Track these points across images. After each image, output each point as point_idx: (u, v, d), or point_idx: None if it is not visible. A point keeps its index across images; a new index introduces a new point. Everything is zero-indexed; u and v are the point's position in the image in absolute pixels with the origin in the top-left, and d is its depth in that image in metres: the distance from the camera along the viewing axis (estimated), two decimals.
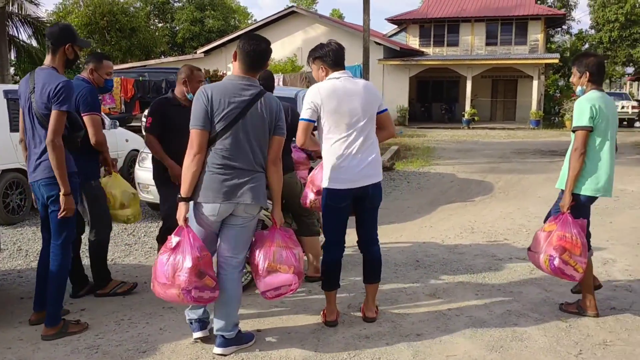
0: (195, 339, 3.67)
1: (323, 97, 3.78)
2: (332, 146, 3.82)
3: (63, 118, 3.58)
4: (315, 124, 3.86)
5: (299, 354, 3.57)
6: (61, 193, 3.61)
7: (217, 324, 3.56)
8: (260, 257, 3.54)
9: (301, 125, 3.82)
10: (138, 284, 4.80)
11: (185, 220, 3.39)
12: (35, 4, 20.52)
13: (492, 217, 7.59)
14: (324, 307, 4.32)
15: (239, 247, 3.55)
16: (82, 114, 4.15)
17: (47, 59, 3.76)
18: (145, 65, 21.62)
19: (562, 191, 4.13)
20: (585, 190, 4.05)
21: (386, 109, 4.01)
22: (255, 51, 3.43)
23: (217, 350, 3.53)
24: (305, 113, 3.80)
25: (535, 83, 26.33)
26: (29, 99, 3.68)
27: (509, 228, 6.97)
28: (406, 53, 28.26)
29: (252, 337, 3.74)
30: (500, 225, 7.10)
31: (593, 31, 39.03)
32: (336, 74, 3.88)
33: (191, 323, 3.65)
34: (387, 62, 26.96)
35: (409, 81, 27.78)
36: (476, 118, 26.28)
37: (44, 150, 3.64)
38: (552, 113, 31.56)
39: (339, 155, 3.80)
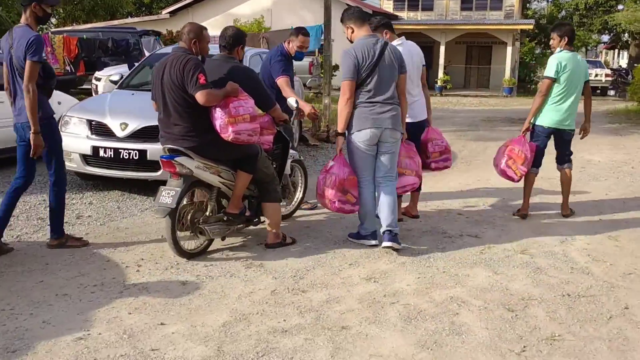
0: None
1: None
2: None
3: (36, 67, 4.13)
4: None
5: (201, 352, 3.06)
6: (31, 132, 4.18)
7: (385, 221, 4.62)
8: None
9: None
10: (44, 264, 4.26)
11: (341, 150, 4.64)
12: None
13: (449, 190, 7.10)
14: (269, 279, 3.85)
15: (393, 167, 4.77)
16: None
17: (22, 18, 4.34)
18: (108, 26, 20.53)
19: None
20: (541, 122, 5.58)
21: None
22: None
23: (387, 243, 4.55)
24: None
25: (509, 49, 25.80)
26: (9, 53, 4.28)
27: (465, 202, 6.50)
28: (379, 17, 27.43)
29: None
30: (456, 199, 6.62)
31: None
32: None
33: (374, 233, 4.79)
34: None
35: None
36: (449, 85, 25.77)
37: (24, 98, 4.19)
38: (527, 81, 31.19)
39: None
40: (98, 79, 12.22)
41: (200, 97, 4.07)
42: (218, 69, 4.46)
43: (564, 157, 5.79)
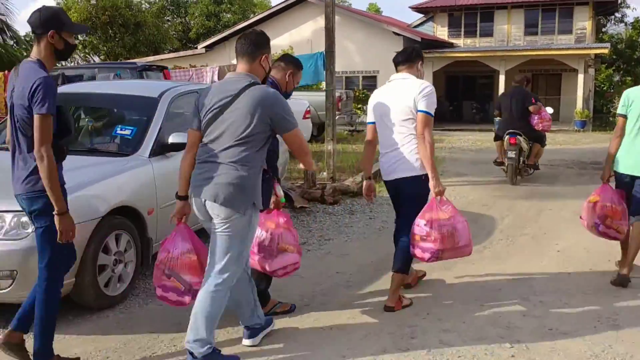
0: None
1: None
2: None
3: (47, 122, 3.07)
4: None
5: None
6: (55, 212, 3.12)
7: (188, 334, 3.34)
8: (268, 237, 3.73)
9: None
10: None
11: (179, 217, 3.50)
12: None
13: (467, 291, 4.37)
14: None
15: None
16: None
17: (33, 51, 3.24)
18: (107, 62, 18.96)
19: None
20: (616, 167, 4.87)
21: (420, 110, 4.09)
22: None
23: None
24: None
25: (580, 77, 22.51)
26: (11, 97, 3.19)
27: (490, 329, 3.79)
28: (432, 44, 24.82)
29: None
30: (476, 319, 3.94)
31: None
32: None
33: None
34: None
35: (434, 77, 24.31)
36: None
37: (25, 160, 3.20)
38: (604, 112, 27.55)
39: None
40: None
41: None
42: None
43: (637, 208, 4.76)
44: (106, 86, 6.71)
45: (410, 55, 4.30)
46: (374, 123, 4.31)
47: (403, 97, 4.10)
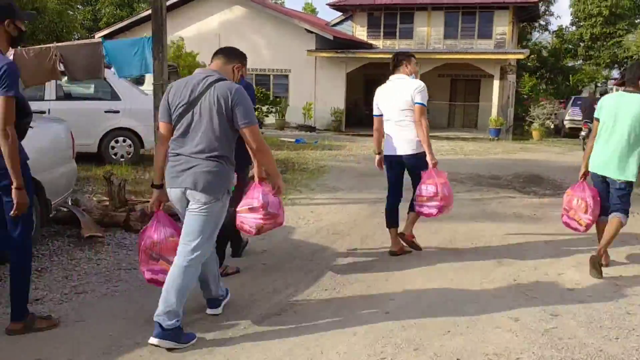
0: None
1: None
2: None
3: (12, 104, 3.37)
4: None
5: None
6: (13, 187, 3.44)
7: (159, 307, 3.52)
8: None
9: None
10: None
11: (157, 205, 3.79)
12: None
13: None
14: None
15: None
16: None
17: None
18: None
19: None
20: (589, 166, 5.33)
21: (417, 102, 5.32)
22: None
23: (152, 340, 3.43)
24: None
25: (496, 83, 21.63)
26: None
27: None
28: (348, 44, 23.49)
29: (193, 337, 3.61)
30: None
31: (574, 28, 34.44)
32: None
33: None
34: (319, 54, 22.18)
35: (349, 78, 23.00)
36: None
37: None
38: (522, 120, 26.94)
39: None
40: None
41: None
42: None
43: (606, 209, 5.25)
44: None
45: (397, 60, 5.56)
46: (380, 115, 5.57)
47: (402, 93, 5.33)
